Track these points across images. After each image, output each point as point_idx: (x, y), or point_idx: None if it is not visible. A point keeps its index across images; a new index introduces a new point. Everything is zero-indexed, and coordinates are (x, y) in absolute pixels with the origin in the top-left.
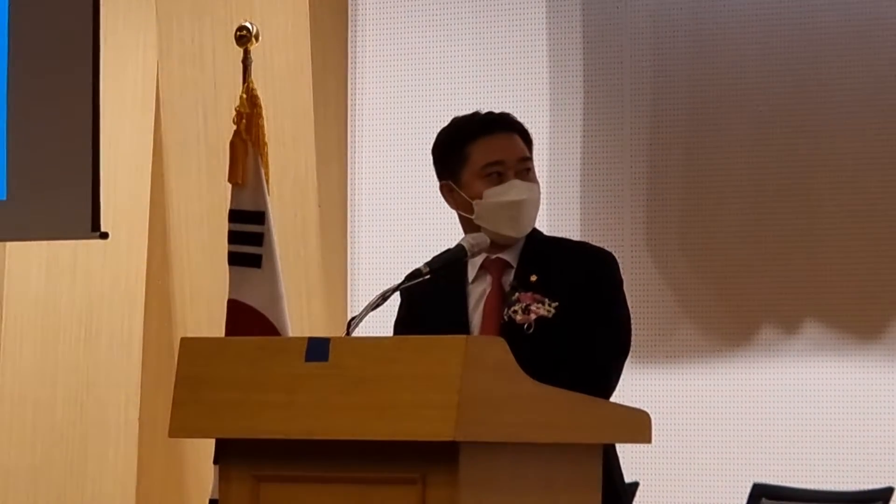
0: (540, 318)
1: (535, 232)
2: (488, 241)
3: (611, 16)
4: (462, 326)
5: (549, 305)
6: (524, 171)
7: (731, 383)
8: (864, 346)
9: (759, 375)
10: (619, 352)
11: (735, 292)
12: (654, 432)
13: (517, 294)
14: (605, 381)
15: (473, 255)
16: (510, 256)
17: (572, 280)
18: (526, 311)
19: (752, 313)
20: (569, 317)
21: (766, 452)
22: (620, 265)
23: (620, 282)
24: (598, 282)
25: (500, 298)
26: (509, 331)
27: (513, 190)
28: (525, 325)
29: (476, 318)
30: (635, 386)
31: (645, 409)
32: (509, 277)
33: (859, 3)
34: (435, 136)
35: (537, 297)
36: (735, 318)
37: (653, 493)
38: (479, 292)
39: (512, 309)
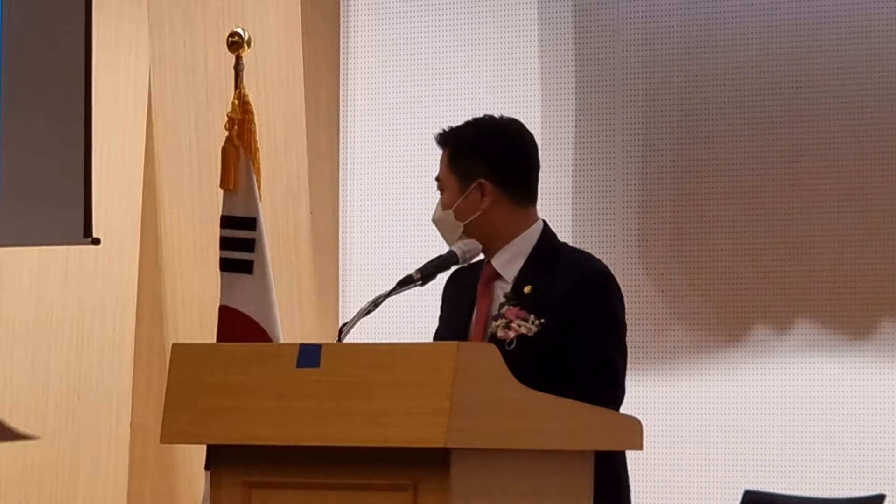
0: (520, 336)
1: (548, 240)
2: (480, 247)
3: (603, 22)
4: (463, 331)
5: (533, 323)
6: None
7: (722, 387)
8: (856, 347)
9: (751, 379)
10: (611, 371)
11: (726, 296)
12: (644, 438)
13: (504, 308)
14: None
15: (465, 262)
16: (508, 265)
17: (559, 299)
18: (507, 327)
19: (744, 317)
20: (552, 336)
21: (758, 458)
22: (612, 269)
23: (610, 302)
24: (585, 305)
25: (486, 310)
26: (493, 343)
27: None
28: (506, 342)
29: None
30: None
31: (636, 416)
32: (506, 287)
33: (854, 5)
34: (424, 141)
35: (522, 314)
36: (726, 322)
37: (645, 501)
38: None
39: (496, 323)
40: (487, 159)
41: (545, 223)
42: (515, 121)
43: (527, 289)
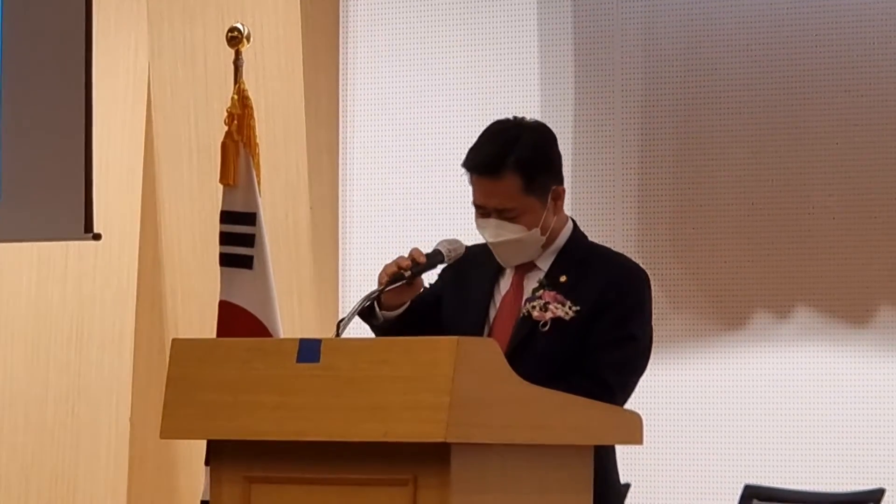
0: (556, 319)
1: (580, 236)
2: (464, 246)
3: (602, 20)
4: (481, 314)
5: (570, 308)
6: None
7: (720, 375)
8: (855, 334)
9: (750, 366)
10: (628, 372)
11: (725, 283)
12: (644, 432)
13: (541, 291)
14: (610, 399)
15: (450, 261)
16: (544, 257)
17: (597, 290)
18: (544, 308)
19: (743, 304)
20: (586, 324)
21: (757, 447)
22: None
23: (644, 301)
24: (620, 298)
25: (518, 296)
26: (526, 324)
27: None
28: (541, 322)
29: (493, 311)
30: None
31: (636, 410)
32: (539, 275)
33: (855, 4)
34: (423, 136)
35: (559, 297)
36: (725, 309)
37: (644, 495)
38: (505, 286)
39: (531, 304)
40: (552, 165)
41: (573, 220)
42: (523, 118)
43: (562, 278)
